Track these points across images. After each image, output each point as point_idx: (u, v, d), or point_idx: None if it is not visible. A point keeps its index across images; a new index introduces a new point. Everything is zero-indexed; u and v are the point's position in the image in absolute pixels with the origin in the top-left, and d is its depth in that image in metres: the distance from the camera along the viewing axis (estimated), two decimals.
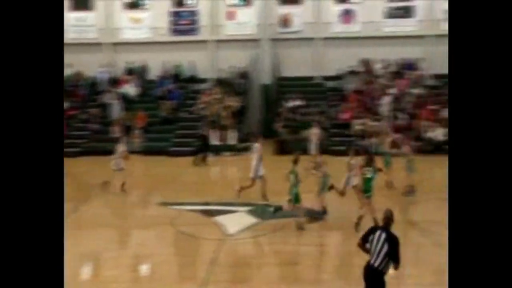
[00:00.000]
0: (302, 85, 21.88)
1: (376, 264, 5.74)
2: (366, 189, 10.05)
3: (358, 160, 10.81)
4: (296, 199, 10.25)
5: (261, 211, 11.68)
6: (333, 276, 8.44)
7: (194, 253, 9.55)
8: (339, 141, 18.73)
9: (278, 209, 10.74)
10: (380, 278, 5.81)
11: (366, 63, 21.74)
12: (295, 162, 10.54)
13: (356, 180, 10.58)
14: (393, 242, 5.68)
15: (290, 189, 10.34)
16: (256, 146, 12.81)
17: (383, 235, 5.73)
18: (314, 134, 16.65)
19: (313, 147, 16.15)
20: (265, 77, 21.82)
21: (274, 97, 21.65)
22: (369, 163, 10.17)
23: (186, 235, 10.30)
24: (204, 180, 15.45)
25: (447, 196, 11.47)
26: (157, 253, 9.31)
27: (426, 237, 9.99)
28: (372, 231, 5.98)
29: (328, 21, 22.44)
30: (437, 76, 21.67)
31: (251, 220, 11.08)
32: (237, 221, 11.01)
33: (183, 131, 20.19)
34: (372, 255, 5.80)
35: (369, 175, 10.04)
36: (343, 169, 12.22)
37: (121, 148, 13.79)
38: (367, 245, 5.91)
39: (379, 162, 11.80)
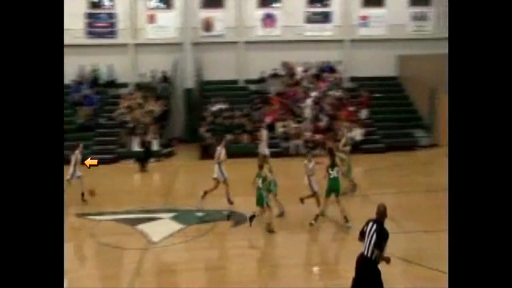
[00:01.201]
0: (226, 89, 21.87)
1: (369, 255, 6.04)
2: (335, 189, 10.35)
3: (314, 163, 10.99)
4: (259, 201, 10.21)
5: (186, 217, 11.47)
6: (259, 278, 8.45)
7: (116, 265, 9.12)
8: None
9: (252, 217, 10.40)
10: (373, 267, 6.08)
11: (287, 66, 22.21)
12: (261, 167, 10.62)
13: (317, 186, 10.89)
14: (381, 234, 6.00)
15: (258, 193, 10.26)
16: (218, 149, 12.51)
17: (374, 227, 6.08)
18: (264, 136, 16.65)
19: (265, 149, 16.16)
20: (188, 81, 21.53)
21: (198, 101, 21.43)
22: (333, 163, 10.52)
23: (107, 246, 9.82)
24: (126, 188, 14.87)
25: (368, 193, 11.85)
26: (75, 268, 8.76)
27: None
28: (366, 224, 6.26)
29: (250, 25, 22.64)
30: (354, 79, 22.71)
31: (175, 226, 10.83)
32: (161, 228, 10.72)
33: (103, 138, 19.34)
34: (364, 246, 6.12)
35: (335, 175, 10.42)
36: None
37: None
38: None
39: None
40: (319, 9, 23.11)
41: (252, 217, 10.34)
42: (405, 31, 23.10)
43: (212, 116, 19.93)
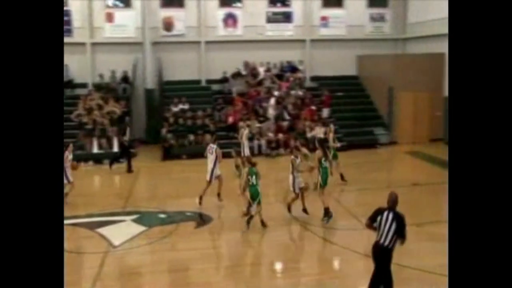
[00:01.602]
0: (188, 89, 21.65)
1: (386, 243, 6.27)
2: (326, 176, 10.73)
3: (301, 159, 11.00)
4: (255, 197, 10.26)
5: (148, 219, 11.25)
6: (224, 278, 8.38)
7: (76, 270, 8.81)
8: (226, 144, 18.86)
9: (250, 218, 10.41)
10: (389, 255, 6.37)
11: (249, 66, 22.23)
12: (251, 162, 10.63)
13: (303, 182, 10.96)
14: (400, 221, 6.25)
15: (254, 189, 10.22)
16: (213, 147, 12.24)
17: (391, 215, 6.27)
18: (245, 135, 16.64)
19: (245, 148, 16.19)
20: (149, 82, 21.18)
21: (159, 102, 21.12)
22: (326, 155, 11.01)
23: (67, 252, 9.45)
24: (85, 192, 14.40)
25: (330, 190, 11.95)
26: None
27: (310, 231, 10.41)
28: (379, 212, 6.43)
29: (211, 25, 22.51)
30: (315, 78, 23.02)
31: (137, 228, 10.58)
32: (123, 231, 10.47)
33: None
34: (381, 235, 6.30)
35: (327, 165, 10.92)
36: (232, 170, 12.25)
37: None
38: (375, 225, 6.44)
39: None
40: (280, 9, 23.25)
41: (249, 219, 10.31)
42: (363, 32, 23.62)
43: (174, 117, 19.67)
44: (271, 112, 20.07)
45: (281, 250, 9.98)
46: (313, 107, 20.50)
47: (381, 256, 6.42)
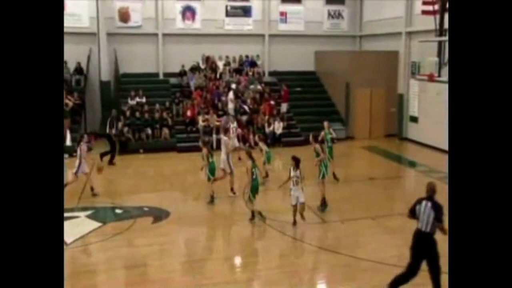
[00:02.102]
0: (145, 82, 21.19)
1: (427, 230, 6.71)
2: (326, 170, 11.65)
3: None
4: (256, 190, 10.39)
5: (103, 215, 10.95)
6: (182, 274, 8.28)
7: None
8: (184, 138, 18.67)
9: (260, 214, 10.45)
10: (432, 240, 6.76)
11: (208, 60, 22.04)
12: (251, 157, 10.61)
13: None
14: (438, 208, 6.67)
15: (254, 182, 10.29)
16: (225, 139, 12.79)
17: (429, 204, 6.72)
18: (233, 128, 16.42)
19: (235, 141, 16.04)
20: (104, 74, 20.55)
21: (115, 95, 20.56)
22: (322, 149, 12.04)
23: None
24: None
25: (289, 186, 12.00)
26: None
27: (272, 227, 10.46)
28: (417, 202, 6.88)
29: (169, 17, 22.11)
30: (274, 73, 23.14)
31: (92, 224, 10.29)
32: (76, 227, 10.12)
33: None
34: (422, 223, 6.76)
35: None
36: (190, 164, 12.06)
37: None
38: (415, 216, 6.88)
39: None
40: (239, 3, 23.14)
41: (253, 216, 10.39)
42: (321, 28, 23.92)
43: (131, 110, 19.22)
44: (230, 107, 19.98)
45: (239, 244, 9.96)
46: (272, 102, 20.57)
47: (424, 243, 6.75)
